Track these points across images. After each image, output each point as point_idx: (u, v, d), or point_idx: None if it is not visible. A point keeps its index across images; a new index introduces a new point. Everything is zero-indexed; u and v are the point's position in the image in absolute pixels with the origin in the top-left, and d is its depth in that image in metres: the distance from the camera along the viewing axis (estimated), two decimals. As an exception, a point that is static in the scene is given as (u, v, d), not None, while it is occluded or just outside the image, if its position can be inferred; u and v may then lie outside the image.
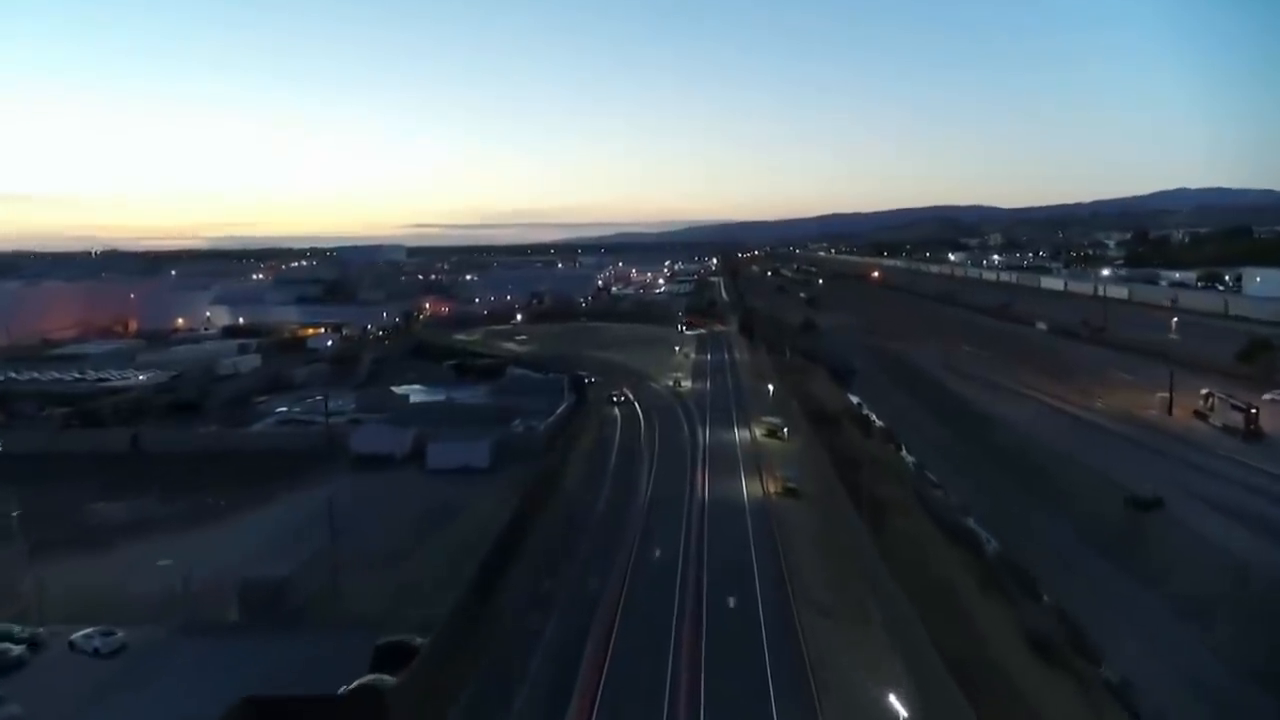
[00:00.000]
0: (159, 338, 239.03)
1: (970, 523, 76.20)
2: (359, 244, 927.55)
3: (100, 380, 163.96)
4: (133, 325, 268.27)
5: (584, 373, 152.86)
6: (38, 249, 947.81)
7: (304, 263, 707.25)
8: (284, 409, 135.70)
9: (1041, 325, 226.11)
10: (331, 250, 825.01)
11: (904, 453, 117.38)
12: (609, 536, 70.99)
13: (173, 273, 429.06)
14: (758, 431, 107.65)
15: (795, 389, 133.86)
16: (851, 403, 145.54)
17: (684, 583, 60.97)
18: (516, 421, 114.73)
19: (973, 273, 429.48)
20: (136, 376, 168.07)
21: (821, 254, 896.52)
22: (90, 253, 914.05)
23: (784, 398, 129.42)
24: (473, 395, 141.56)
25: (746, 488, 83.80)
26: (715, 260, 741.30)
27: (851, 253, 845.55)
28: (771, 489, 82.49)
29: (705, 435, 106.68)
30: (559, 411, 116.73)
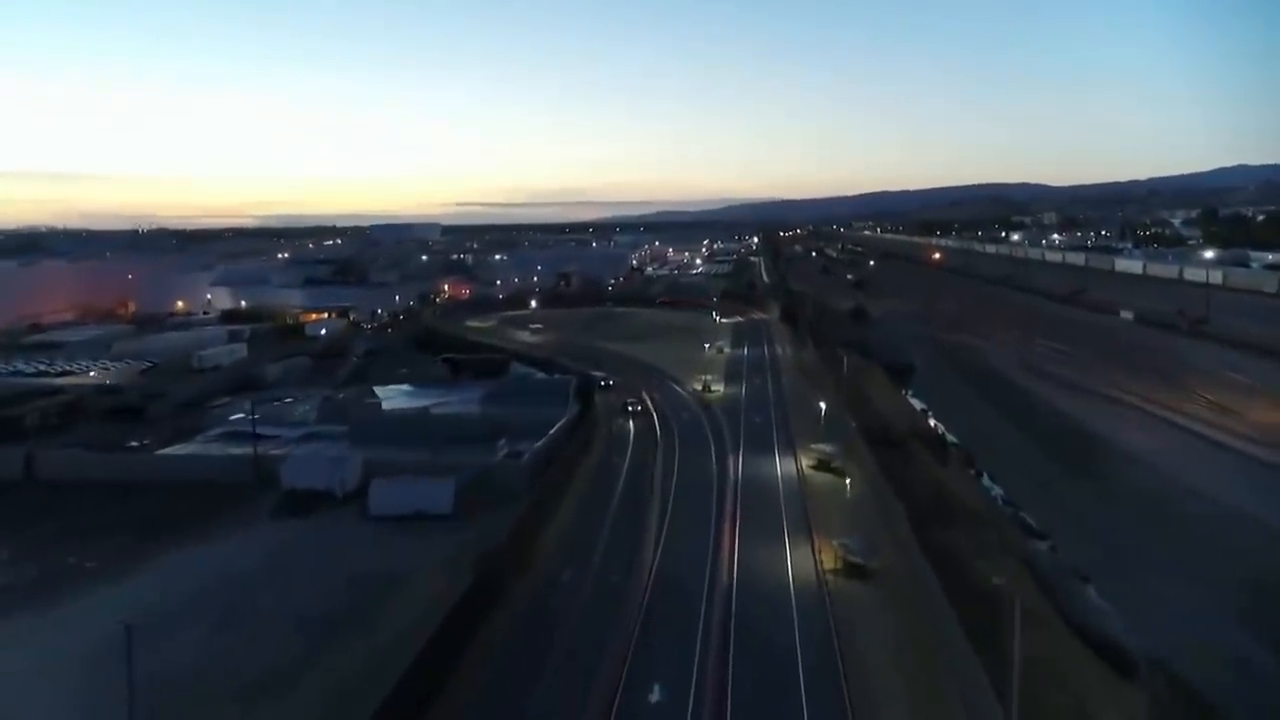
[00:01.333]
0: (155, 321, 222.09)
1: (1120, 633, 52.05)
2: (397, 222, 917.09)
3: (64, 373, 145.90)
4: (131, 308, 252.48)
5: (598, 373, 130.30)
6: (93, 227, 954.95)
7: (338, 241, 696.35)
8: (241, 415, 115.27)
9: (1126, 314, 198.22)
10: (365, 228, 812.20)
11: (989, 483, 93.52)
12: (588, 651, 48.44)
13: (180, 251, 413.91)
14: (805, 462, 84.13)
15: (847, 394, 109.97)
16: (916, 412, 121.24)
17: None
18: (502, 443, 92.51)
19: (1033, 253, 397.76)
20: (105, 369, 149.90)
21: (867, 233, 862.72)
22: (137, 230, 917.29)
23: (835, 407, 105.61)
24: (464, 399, 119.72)
25: (792, 561, 60.50)
26: (756, 239, 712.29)
27: (898, 231, 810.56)
28: (827, 563, 59.24)
29: (737, 467, 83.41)
30: (558, 427, 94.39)
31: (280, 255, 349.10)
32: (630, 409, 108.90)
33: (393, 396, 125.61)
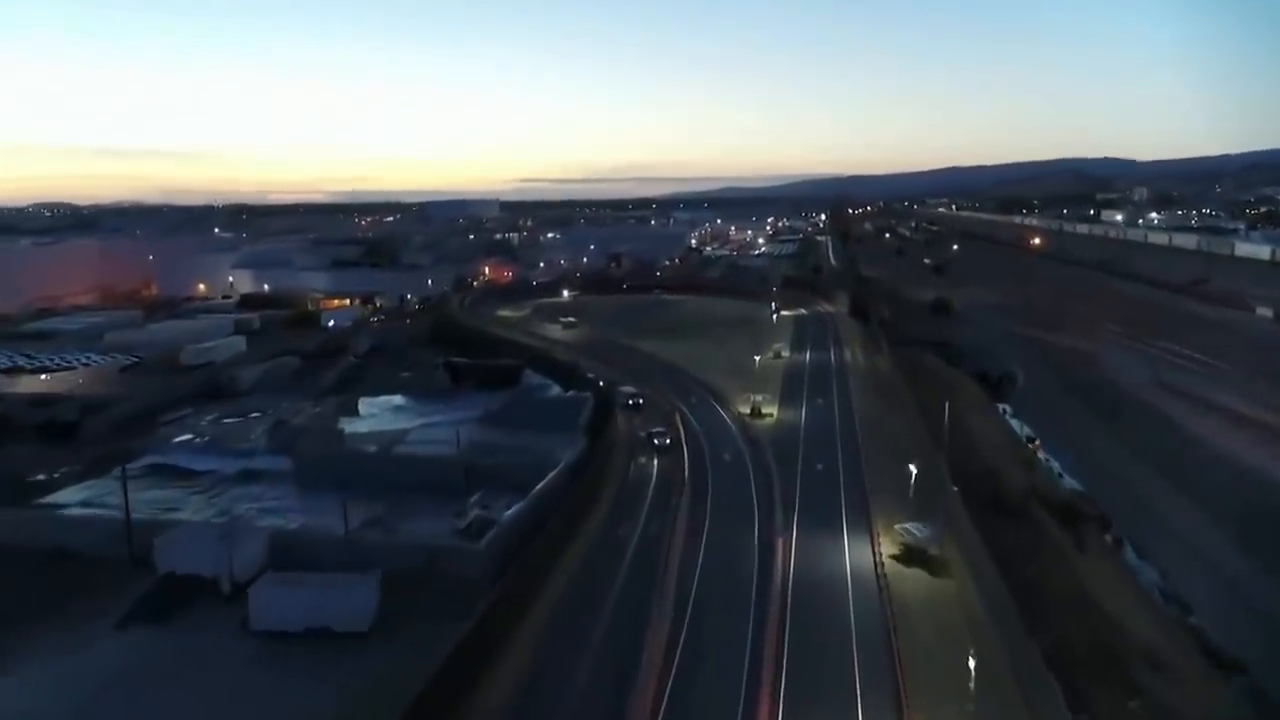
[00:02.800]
0: (171, 306, 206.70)
1: None
2: (459, 197, 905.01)
3: (39, 369, 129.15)
4: (152, 290, 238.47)
5: (627, 388, 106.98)
6: (172, 202, 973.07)
7: (394, 218, 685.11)
8: (187, 436, 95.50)
9: (1264, 311, 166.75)
10: (413, 205, 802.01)
11: (1134, 558, 68.01)
12: None
13: (216, 230, 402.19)
14: (885, 551, 59.43)
15: (934, 419, 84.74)
16: (1025, 446, 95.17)
17: None
18: (475, 498, 69.99)
19: (1133, 234, 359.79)
20: (87, 364, 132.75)
21: (941, 210, 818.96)
22: (212, 205, 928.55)
23: (919, 443, 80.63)
24: (460, 418, 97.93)
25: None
26: (824, 216, 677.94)
27: (974, 208, 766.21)
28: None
29: (788, 556, 59.15)
30: (555, 473, 71.48)
31: (309, 235, 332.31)
32: (656, 442, 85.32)
33: (376, 413, 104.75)
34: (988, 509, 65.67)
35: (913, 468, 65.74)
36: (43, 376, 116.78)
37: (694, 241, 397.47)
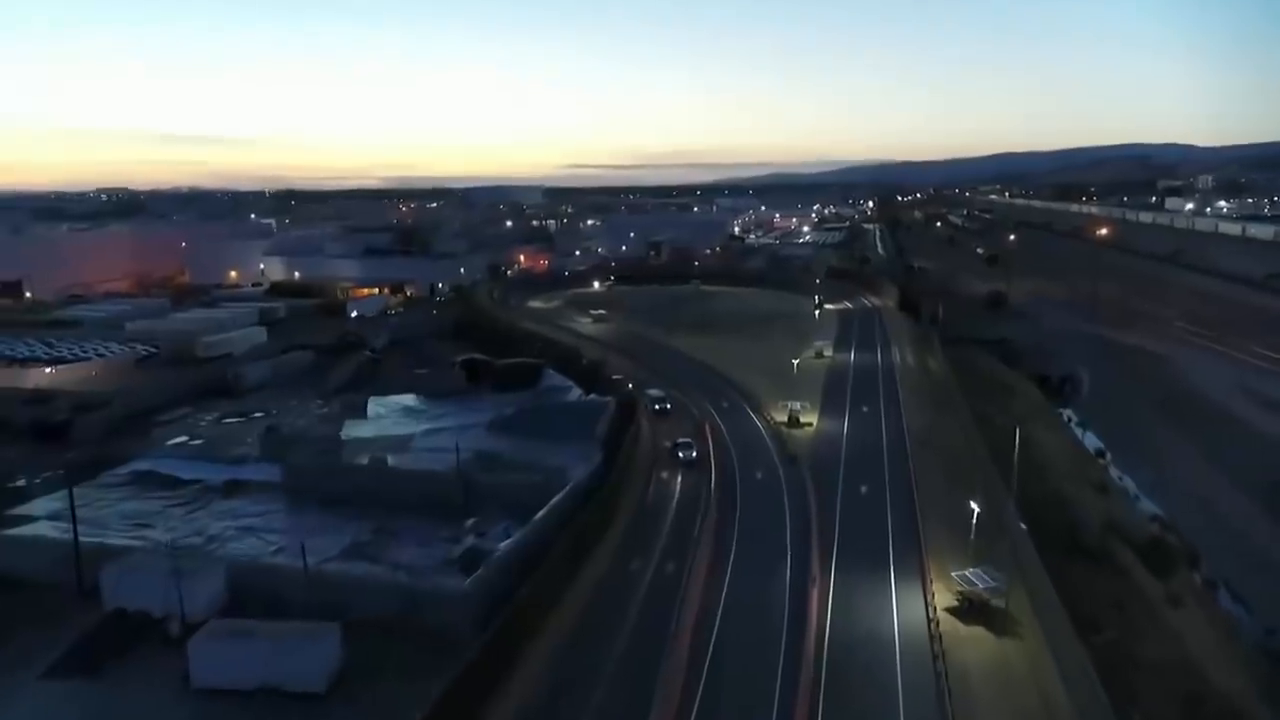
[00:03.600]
0: (201, 293, 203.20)
1: None
2: (504, 184, 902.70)
3: (55, 360, 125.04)
4: (184, 277, 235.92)
5: (654, 392, 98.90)
6: (228, 187, 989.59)
7: (435, 204, 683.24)
8: (182, 439, 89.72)
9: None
10: (460, 191, 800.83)
11: (1228, 600, 58.29)
12: None
13: (253, 216, 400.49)
14: (940, 602, 50.44)
15: (994, 431, 75.33)
16: (1098, 467, 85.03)
17: None
18: (470, 524, 62.67)
19: (1202, 224, 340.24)
20: (103, 355, 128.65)
21: (993, 197, 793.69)
22: (264, 191, 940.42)
23: (978, 460, 71.52)
24: (471, 422, 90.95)
25: None
26: (872, 204, 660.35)
27: (1029, 196, 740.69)
28: None
29: (825, 607, 50.49)
30: (564, 494, 63.59)
31: (343, 222, 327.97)
32: (681, 455, 77.03)
33: (385, 414, 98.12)
34: (1060, 549, 56.41)
35: (974, 505, 56.25)
36: (48, 370, 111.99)
37: (736, 229, 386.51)
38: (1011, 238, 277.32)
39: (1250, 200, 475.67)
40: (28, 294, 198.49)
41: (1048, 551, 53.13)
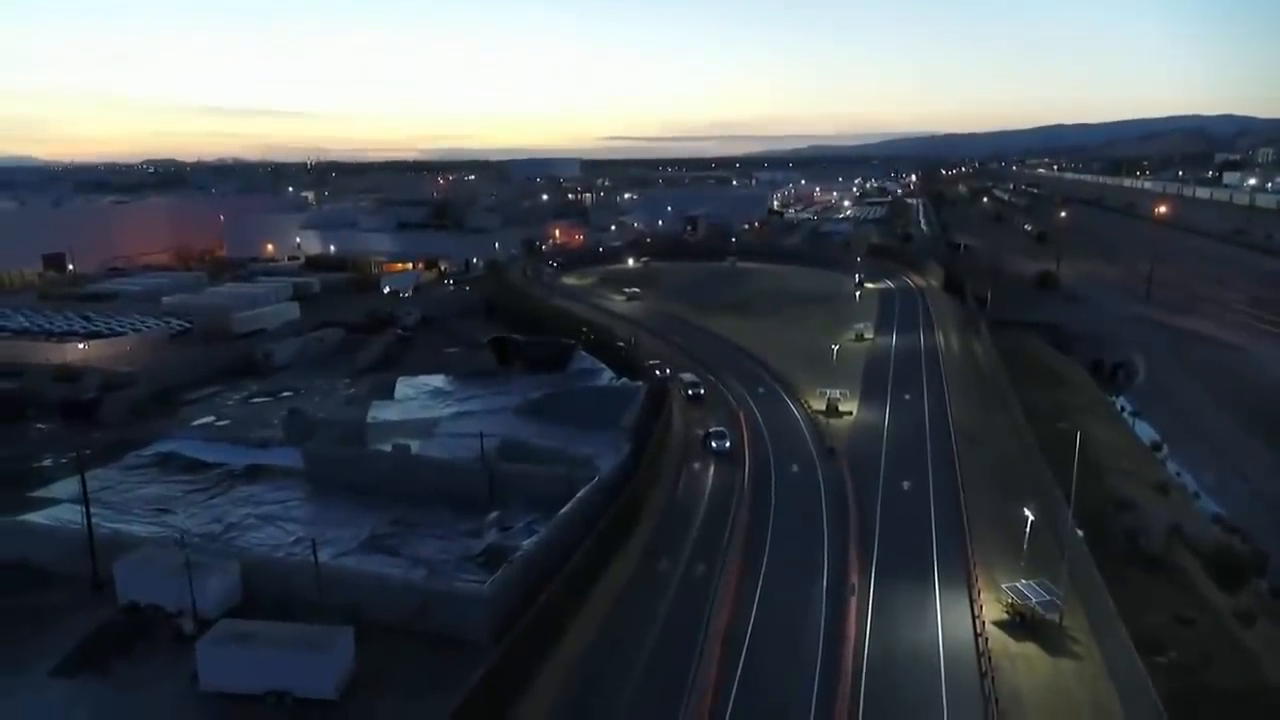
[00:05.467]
0: (237, 267, 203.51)
1: None
2: (541, 156, 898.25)
3: (91, 334, 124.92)
4: (221, 251, 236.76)
5: (687, 376, 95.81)
6: (275, 159, 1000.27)
7: (472, 176, 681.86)
8: (208, 419, 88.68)
9: None
10: (492, 163, 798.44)
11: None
12: None
13: (290, 189, 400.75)
14: (989, 615, 46.98)
15: (1045, 424, 71.29)
16: (1157, 465, 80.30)
17: None
18: (493, 517, 60.37)
19: (1264, 200, 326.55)
20: (137, 329, 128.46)
21: (1041, 171, 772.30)
22: (306, 163, 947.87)
23: (1028, 454, 67.82)
24: (500, 405, 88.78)
25: None
26: (914, 178, 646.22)
27: (1078, 170, 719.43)
28: None
29: (865, 618, 47.34)
30: (591, 486, 60.89)
31: (378, 195, 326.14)
32: (714, 445, 74.03)
33: (413, 394, 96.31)
34: (1119, 557, 52.63)
35: (1028, 511, 52.58)
36: (81, 345, 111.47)
37: (775, 203, 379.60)
38: (1062, 214, 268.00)
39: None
40: (70, 267, 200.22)
41: (1106, 561, 49.52)
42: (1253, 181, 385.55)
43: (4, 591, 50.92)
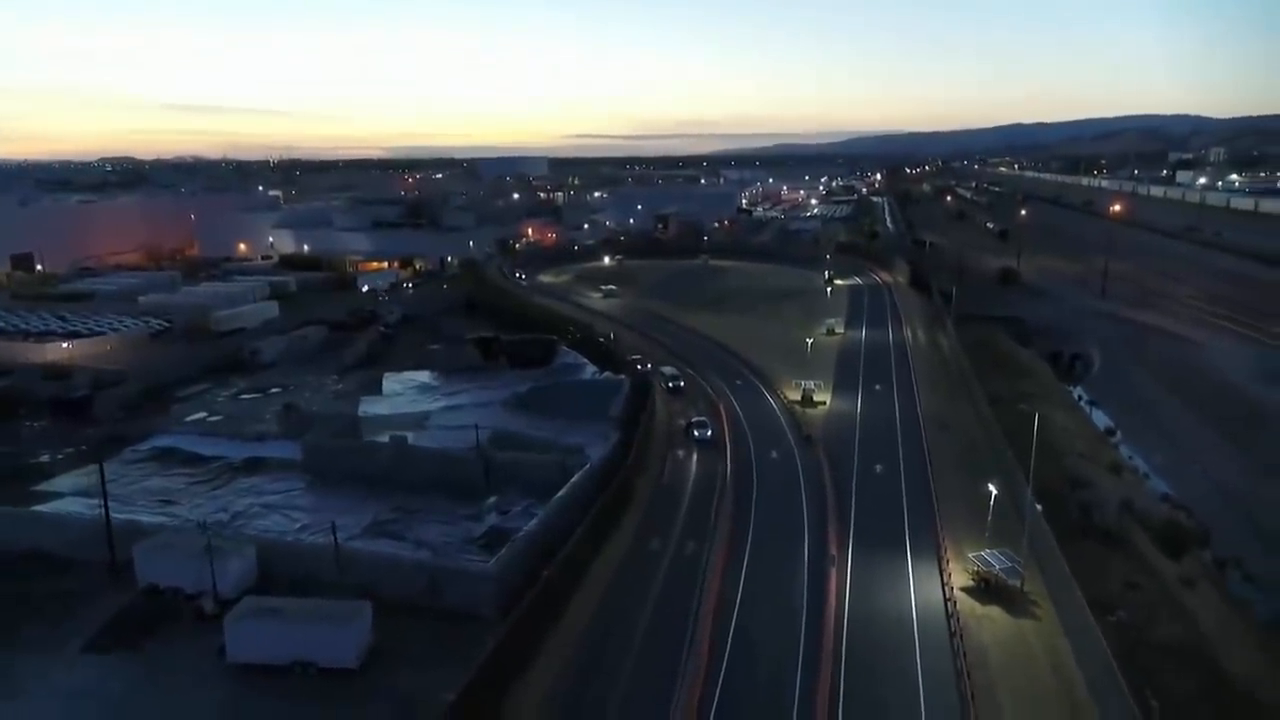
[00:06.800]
0: (210, 266, 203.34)
1: None
2: (508, 154, 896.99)
3: (71, 334, 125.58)
4: (193, 250, 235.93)
5: (667, 369, 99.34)
6: (238, 157, 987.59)
7: (441, 175, 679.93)
8: (201, 415, 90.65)
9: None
10: (464, 161, 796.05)
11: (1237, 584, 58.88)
12: None
13: (260, 188, 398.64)
14: (956, 581, 51.18)
15: (1008, 412, 75.88)
16: (1111, 449, 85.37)
17: None
18: (491, 502, 63.62)
19: (1213, 199, 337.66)
20: (116, 329, 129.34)
21: (1003, 170, 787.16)
22: (269, 161, 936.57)
23: (992, 440, 72.54)
24: (486, 400, 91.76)
25: None
26: (879, 176, 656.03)
27: (1038, 168, 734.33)
28: None
29: (843, 587, 51.32)
30: (583, 473, 64.26)
31: (350, 194, 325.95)
32: (696, 434, 77.69)
33: (400, 390, 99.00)
34: (1076, 530, 57.10)
35: (992, 487, 56.99)
36: (64, 344, 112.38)
37: (744, 202, 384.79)
38: (1023, 213, 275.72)
39: (1263, 174, 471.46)
40: (39, 266, 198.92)
41: (1063, 532, 53.92)
42: (1203, 180, 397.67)
43: (25, 577, 53.16)
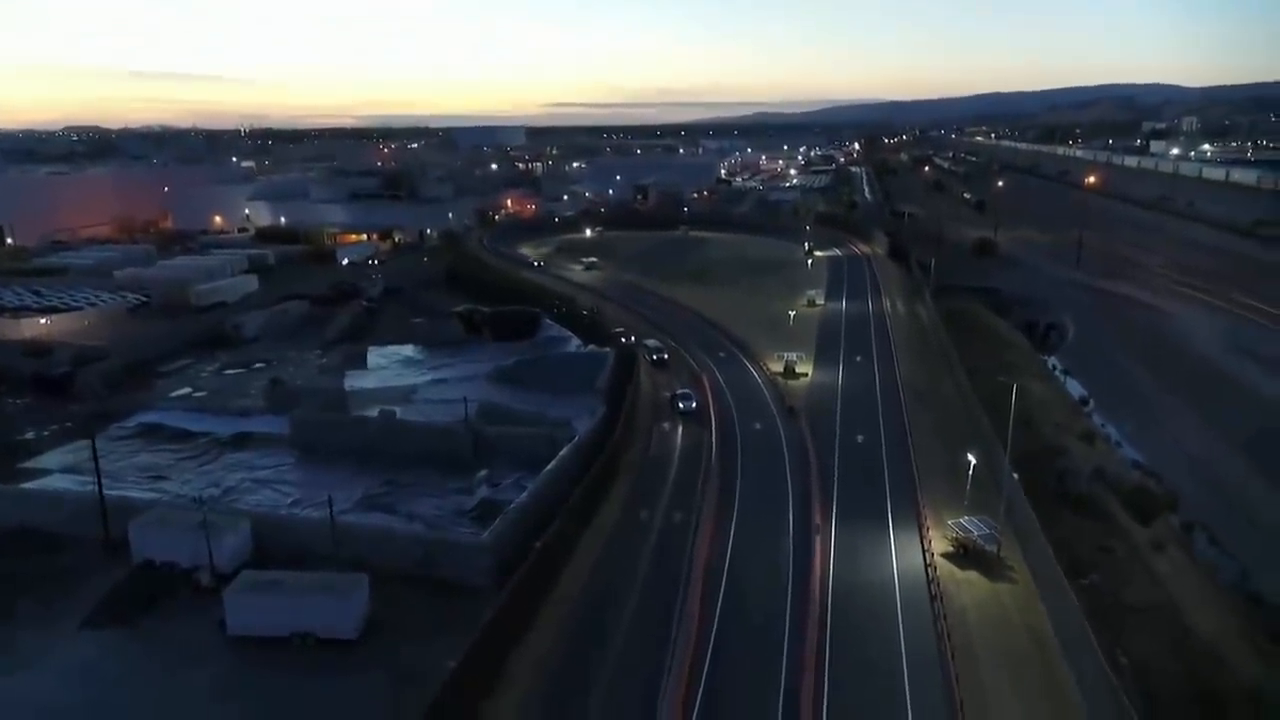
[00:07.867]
0: (186, 239, 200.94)
1: None
2: (484, 124, 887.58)
3: (47, 309, 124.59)
4: (167, 223, 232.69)
5: (651, 342, 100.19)
6: (207, 126, 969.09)
7: (417, 144, 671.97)
8: (185, 390, 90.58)
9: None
10: (440, 130, 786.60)
11: (1204, 547, 61.15)
12: None
13: (234, 159, 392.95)
14: (936, 548, 52.94)
15: (986, 382, 77.56)
16: (1085, 418, 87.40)
17: None
18: (482, 475, 64.57)
19: (1185, 168, 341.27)
20: (93, 303, 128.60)
21: (979, 139, 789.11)
22: (239, 130, 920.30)
23: (971, 410, 74.28)
24: (472, 372, 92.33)
25: None
26: (858, 145, 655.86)
27: (1014, 137, 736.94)
28: None
29: (826, 554, 52.91)
30: (572, 445, 65.24)
31: (326, 165, 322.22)
32: (681, 405, 78.81)
33: (385, 364, 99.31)
34: (1050, 497, 58.91)
35: (971, 456, 58.66)
36: (42, 320, 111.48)
37: (723, 172, 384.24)
38: (999, 184, 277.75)
39: (1235, 144, 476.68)
40: (9, 240, 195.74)
41: (1038, 500, 55.68)
42: (1176, 151, 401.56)
43: (18, 554, 53.53)
